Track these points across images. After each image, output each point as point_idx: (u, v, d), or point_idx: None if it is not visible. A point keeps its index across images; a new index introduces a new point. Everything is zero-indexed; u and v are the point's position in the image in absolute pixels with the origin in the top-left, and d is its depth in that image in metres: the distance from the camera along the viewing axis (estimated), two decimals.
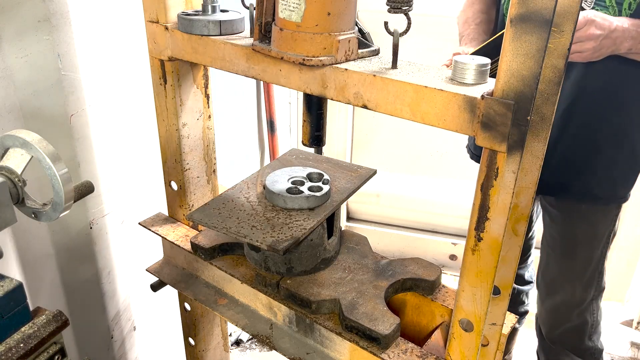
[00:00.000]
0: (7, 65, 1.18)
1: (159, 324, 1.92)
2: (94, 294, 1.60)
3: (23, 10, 1.19)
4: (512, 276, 0.92)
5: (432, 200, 2.98)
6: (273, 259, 1.15)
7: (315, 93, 0.95)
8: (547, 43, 0.69)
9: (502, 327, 0.97)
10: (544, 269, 1.88)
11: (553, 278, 1.84)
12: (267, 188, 1.17)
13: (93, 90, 1.42)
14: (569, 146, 1.60)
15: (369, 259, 1.22)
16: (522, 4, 0.69)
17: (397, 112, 0.86)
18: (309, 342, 1.14)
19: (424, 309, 1.18)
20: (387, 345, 1.01)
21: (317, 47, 0.90)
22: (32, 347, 0.87)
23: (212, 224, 1.09)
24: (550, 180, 1.60)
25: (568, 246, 1.77)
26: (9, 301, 0.86)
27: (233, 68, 1.06)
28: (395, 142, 2.90)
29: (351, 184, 1.24)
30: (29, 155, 0.88)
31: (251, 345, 2.52)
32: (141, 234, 1.49)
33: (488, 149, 0.79)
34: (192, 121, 1.30)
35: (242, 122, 2.36)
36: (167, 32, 1.14)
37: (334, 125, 2.86)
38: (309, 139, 1.10)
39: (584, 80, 1.50)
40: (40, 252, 1.39)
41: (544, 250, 1.87)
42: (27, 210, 0.93)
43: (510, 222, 0.84)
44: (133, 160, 1.62)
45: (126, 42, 1.49)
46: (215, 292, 1.28)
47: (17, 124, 1.23)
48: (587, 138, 1.58)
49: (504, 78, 0.74)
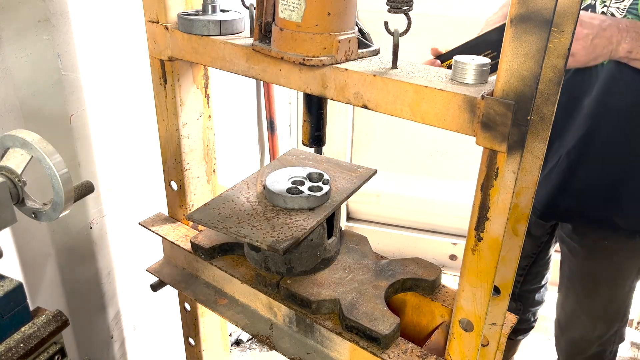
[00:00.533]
0: (7, 65, 1.18)
1: (159, 324, 1.92)
2: (94, 294, 1.60)
3: (23, 10, 1.19)
4: (512, 276, 0.92)
5: (432, 200, 2.98)
6: (273, 259, 1.15)
7: (315, 93, 0.95)
8: (547, 43, 0.69)
9: (502, 327, 0.97)
10: (562, 300, 1.75)
11: (572, 312, 1.71)
12: (267, 188, 1.17)
13: (93, 90, 1.42)
14: (591, 171, 1.46)
15: (369, 259, 1.22)
16: (522, 4, 0.69)
17: (397, 112, 0.86)
18: (309, 342, 1.14)
19: (424, 309, 1.18)
20: (387, 345, 1.01)
21: (317, 47, 0.90)
22: (32, 347, 0.87)
23: (212, 224, 1.09)
24: (569, 207, 1.51)
25: (589, 284, 1.61)
26: (9, 301, 0.86)
27: (233, 68, 1.06)
28: (395, 142, 2.90)
29: (351, 184, 1.24)
30: (29, 155, 0.87)
31: (251, 345, 2.52)
32: (141, 234, 1.49)
33: (488, 149, 0.79)
34: (192, 121, 1.30)
35: (242, 122, 2.36)
36: (167, 32, 1.14)
37: (334, 125, 2.86)
38: (309, 139, 1.10)
39: (607, 97, 1.38)
40: (40, 252, 1.39)
41: (563, 281, 1.72)
42: (27, 210, 0.93)
43: (510, 222, 0.84)
44: (133, 160, 1.62)
45: (126, 42, 1.49)
46: (215, 292, 1.28)
47: (17, 124, 1.23)
48: (611, 162, 1.44)
49: (504, 78, 0.74)
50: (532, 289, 1.99)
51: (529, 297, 2.00)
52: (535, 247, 1.84)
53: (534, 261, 1.90)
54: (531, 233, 1.78)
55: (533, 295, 2.01)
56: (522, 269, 1.93)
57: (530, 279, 1.95)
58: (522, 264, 1.91)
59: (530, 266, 1.91)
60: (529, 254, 1.88)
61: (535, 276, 1.95)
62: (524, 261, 1.90)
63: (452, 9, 2.47)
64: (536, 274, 1.94)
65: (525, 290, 1.99)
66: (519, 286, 1.97)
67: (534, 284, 1.97)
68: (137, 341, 1.83)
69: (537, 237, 1.82)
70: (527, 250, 1.86)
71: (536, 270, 1.93)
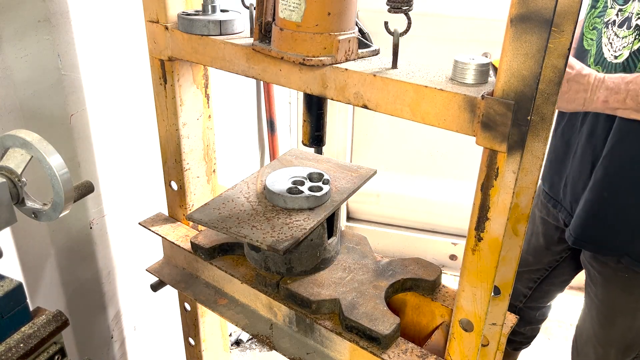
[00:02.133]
0: (7, 65, 1.18)
1: (159, 324, 1.92)
2: (94, 294, 1.60)
3: (23, 10, 1.19)
4: (512, 276, 0.92)
5: (432, 200, 2.98)
6: (273, 259, 1.15)
7: (315, 93, 0.95)
8: (547, 43, 0.69)
9: (502, 327, 0.97)
10: (581, 324, 1.69)
11: (587, 339, 1.64)
12: (267, 188, 1.17)
13: (93, 90, 1.42)
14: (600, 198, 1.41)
15: (369, 259, 1.22)
16: (522, 4, 0.69)
17: (397, 112, 0.86)
18: (309, 342, 1.14)
19: (424, 309, 1.18)
20: (387, 345, 1.01)
21: (317, 47, 0.90)
22: (32, 347, 0.87)
23: (212, 224, 1.09)
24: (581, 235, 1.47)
25: (605, 313, 1.55)
26: (9, 301, 0.86)
27: (233, 68, 1.06)
28: (395, 142, 2.90)
29: (351, 184, 1.24)
30: (29, 155, 0.87)
31: (251, 345, 2.52)
32: (141, 234, 1.49)
33: (488, 149, 0.79)
34: (192, 121, 1.29)
35: (242, 122, 2.36)
36: (167, 32, 1.14)
37: (334, 125, 2.86)
38: (309, 139, 1.10)
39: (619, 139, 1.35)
40: (40, 252, 1.39)
41: (585, 302, 1.65)
42: (27, 210, 0.93)
43: (510, 222, 0.84)
44: (133, 160, 1.62)
45: (126, 42, 1.49)
46: (215, 292, 1.28)
47: (17, 124, 1.23)
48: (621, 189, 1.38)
49: (504, 78, 0.74)
50: (536, 306, 1.90)
51: (530, 313, 1.91)
52: (554, 261, 1.75)
53: (547, 276, 1.80)
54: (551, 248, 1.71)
55: (535, 313, 1.92)
56: (532, 282, 1.83)
57: (538, 296, 1.86)
58: (534, 277, 1.82)
59: (542, 281, 1.81)
60: (544, 267, 1.78)
61: (544, 294, 1.85)
62: (536, 273, 1.81)
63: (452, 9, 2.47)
64: (546, 292, 1.84)
65: (529, 307, 1.89)
66: (523, 300, 1.87)
67: (540, 302, 1.88)
68: (137, 341, 1.83)
69: (557, 252, 1.74)
70: (544, 263, 1.77)
71: (547, 288, 1.83)
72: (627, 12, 1.35)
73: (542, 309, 1.93)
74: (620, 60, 1.34)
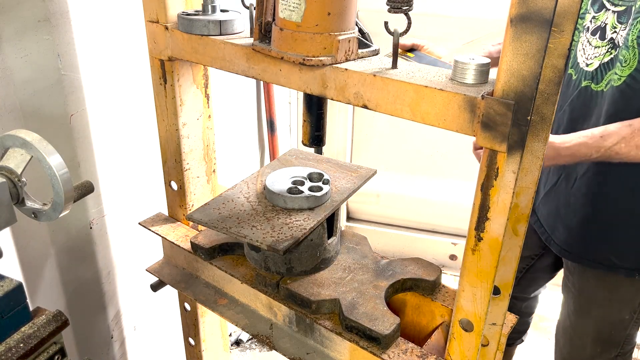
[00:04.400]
0: (7, 65, 1.18)
1: (159, 324, 1.92)
2: (94, 294, 1.60)
3: (23, 10, 1.19)
4: (512, 276, 0.91)
5: (432, 200, 2.98)
6: (273, 259, 1.15)
7: (315, 93, 0.95)
8: (547, 43, 0.69)
9: (502, 327, 0.97)
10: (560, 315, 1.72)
11: (564, 328, 1.69)
12: (267, 188, 1.17)
13: (93, 90, 1.42)
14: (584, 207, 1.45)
15: (369, 259, 1.22)
16: (522, 4, 0.69)
17: (397, 112, 0.86)
18: (309, 342, 1.14)
19: (424, 309, 1.18)
20: (387, 345, 1.01)
21: (317, 47, 0.90)
22: (32, 347, 0.87)
23: (212, 224, 1.09)
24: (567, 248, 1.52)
25: (581, 302, 1.59)
26: (9, 301, 0.86)
27: (233, 68, 1.06)
28: (395, 142, 2.90)
29: (351, 184, 1.24)
30: (29, 155, 0.87)
31: (251, 345, 2.52)
32: (141, 234, 1.49)
33: (488, 149, 0.79)
34: (192, 121, 1.29)
35: (242, 122, 2.36)
36: (167, 32, 1.14)
37: (334, 125, 2.86)
38: (309, 139, 1.10)
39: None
40: (40, 252, 1.39)
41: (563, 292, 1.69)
42: (27, 210, 0.93)
43: (510, 222, 0.84)
44: (133, 160, 1.62)
45: (126, 42, 1.49)
46: (215, 292, 1.28)
47: (17, 124, 1.23)
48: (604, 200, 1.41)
49: (504, 78, 0.74)
50: (522, 297, 1.91)
51: (516, 304, 1.92)
52: (540, 248, 1.77)
53: (533, 264, 1.83)
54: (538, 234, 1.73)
55: (521, 304, 1.94)
56: (519, 272, 1.85)
57: (524, 285, 1.87)
58: (521, 265, 1.83)
59: (528, 269, 1.84)
60: (530, 255, 1.81)
61: (530, 282, 1.87)
62: (523, 262, 1.83)
63: (452, 9, 2.47)
64: (532, 279, 1.86)
65: (515, 297, 1.88)
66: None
67: (525, 292, 1.90)
68: (137, 341, 1.83)
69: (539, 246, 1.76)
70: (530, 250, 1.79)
71: (533, 275, 1.85)
72: (599, 21, 1.38)
73: (528, 300, 1.95)
74: (590, 69, 1.38)
